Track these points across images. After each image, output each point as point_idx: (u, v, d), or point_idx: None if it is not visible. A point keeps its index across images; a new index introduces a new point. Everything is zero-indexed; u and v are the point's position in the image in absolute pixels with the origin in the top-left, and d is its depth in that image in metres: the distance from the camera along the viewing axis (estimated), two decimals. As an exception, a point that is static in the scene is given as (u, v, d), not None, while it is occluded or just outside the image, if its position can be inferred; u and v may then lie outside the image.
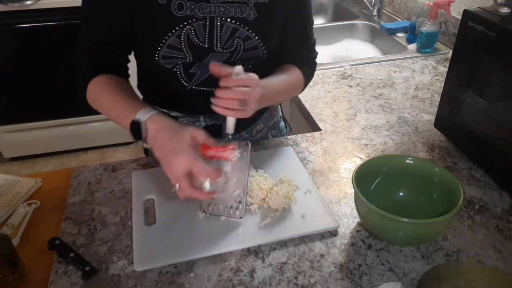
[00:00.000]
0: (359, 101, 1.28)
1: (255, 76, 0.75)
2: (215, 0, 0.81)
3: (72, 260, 0.74)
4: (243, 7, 0.82)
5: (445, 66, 1.49)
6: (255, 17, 0.84)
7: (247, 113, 0.75)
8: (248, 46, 0.86)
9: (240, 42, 0.85)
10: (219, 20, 0.83)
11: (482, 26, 0.89)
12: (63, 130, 2.60)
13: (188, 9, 0.80)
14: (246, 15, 0.83)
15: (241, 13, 0.83)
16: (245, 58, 0.88)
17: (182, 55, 0.84)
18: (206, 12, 0.81)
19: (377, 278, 0.72)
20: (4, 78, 2.33)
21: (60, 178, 0.96)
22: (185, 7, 0.80)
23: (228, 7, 0.82)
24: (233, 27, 0.83)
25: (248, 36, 0.85)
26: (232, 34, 0.84)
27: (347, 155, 1.03)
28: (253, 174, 0.90)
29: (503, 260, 0.76)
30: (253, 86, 0.74)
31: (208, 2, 0.81)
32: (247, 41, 0.86)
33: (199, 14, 0.81)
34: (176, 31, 0.81)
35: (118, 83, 0.85)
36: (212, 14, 0.82)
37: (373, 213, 0.73)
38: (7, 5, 2.13)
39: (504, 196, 0.91)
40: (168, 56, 0.84)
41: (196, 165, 0.68)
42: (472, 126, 0.97)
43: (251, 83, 0.74)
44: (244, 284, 0.71)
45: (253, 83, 0.74)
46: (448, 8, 1.49)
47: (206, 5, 0.81)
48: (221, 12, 0.82)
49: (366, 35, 1.94)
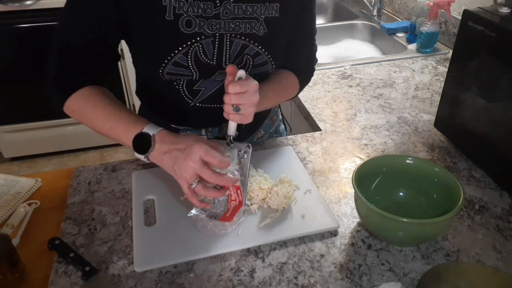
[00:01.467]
0: (359, 101, 1.28)
1: (253, 82, 0.74)
2: (225, 17, 0.78)
3: (72, 260, 0.74)
4: (253, 22, 0.80)
5: (445, 66, 1.49)
6: (265, 33, 0.82)
7: (244, 118, 0.75)
8: (257, 62, 0.84)
9: (249, 59, 0.83)
10: (229, 37, 0.80)
11: (482, 26, 0.88)
12: (63, 130, 2.60)
13: (197, 26, 0.77)
14: (256, 31, 0.81)
15: (251, 29, 0.81)
16: (254, 74, 0.86)
17: (188, 72, 0.81)
18: (216, 29, 0.78)
19: (377, 278, 0.72)
20: (4, 78, 2.33)
21: (60, 178, 0.96)
22: (194, 24, 0.77)
23: (238, 23, 0.79)
24: (242, 43, 0.81)
25: (258, 52, 0.83)
26: (242, 51, 0.82)
27: (347, 155, 1.03)
28: (253, 174, 0.90)
29: (503, 260, 0.76)
30: (249, 92, 0.73)
31: (219, 18, 0.78)
32: (256, 57, 0.84)
33: (208, 31, 0.78)
34: (184, 48, 0.78)
35: (107, 95, 0.82)
36: (222, 31, 0.79)
37: (373, 213, 0.73)
38: (7, 5, 2.13)
39: (504, 196, 0.91)
40: (173, 73, 0.81)
41: (210, 152, 0.70)
42: (472, 126, 0.97)
43: (247, 89, 0.73)
44: (244, 284, 0.71)
45: (250, 89, 0.73)
46: (448, 8, 1.49)
47: (216, 22, 0.78)
48: (231, 28, 0.79)
49: (366, 35, 1.94)
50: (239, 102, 0.73)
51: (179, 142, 0.73)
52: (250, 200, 0.84)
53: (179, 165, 0.71)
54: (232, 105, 0.74)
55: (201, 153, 0.69)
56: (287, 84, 0.94)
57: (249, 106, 0.74)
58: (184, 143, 0.72)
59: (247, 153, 0.79)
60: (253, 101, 0.75)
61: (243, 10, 0.79)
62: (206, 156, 0.70)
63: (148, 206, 0.86)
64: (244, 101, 0.73)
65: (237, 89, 0.72)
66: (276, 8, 0.81)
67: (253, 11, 0.79)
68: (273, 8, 0.81)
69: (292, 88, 0.96)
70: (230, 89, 0.72)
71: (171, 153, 0.72)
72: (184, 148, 0.71)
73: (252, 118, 0.77)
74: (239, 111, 0.74)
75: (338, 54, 1.81)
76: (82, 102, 0.81)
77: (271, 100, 0.89)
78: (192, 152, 0.70)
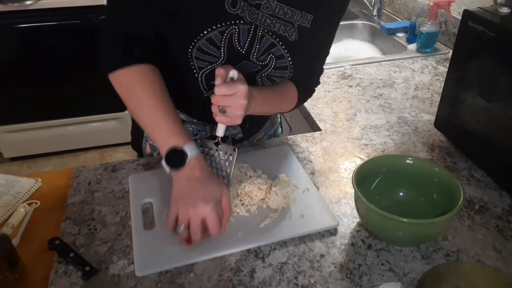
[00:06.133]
0: (359, 101, 1.28)
1: (241, 86, 0.74)
2: (265, 11, 0.78)
3: (72, 260, 0.74)
4: (288, 26, 0.80)
5: (445, 66, 1.49)
6: (296, 39, 0.82)
7: (231, 120, 0.76)
8: (279, 64, 0.84)
9: (273, 58, 0.83)
10: (261, 31, 0.80)
11: (482, 26, 0.88)
12: (63, 130, 2.60)
13: (241, 9, 0.76)
14: (288, 35, 0.81)
15: (284, 31, 0.80)
16: (272, 76, 0.86)
17: (218, 53, 0.80)
18: (254, 18, 0.78)
19: (377, 278, 0.72)
20: (4, 78, 2.33)
21: (60, 178, 0.96)
22: (239, 6, 0.76)
23: (274, 21, 0.79)
24: (271, 41, 0.81)
25: (283, 55, 0.83)
26: (269, 49, 0.82)
27: (347, 155, 1.03)
28: (251, 174, 0.90)
29: (503, 260, 0.76)
30: (236, 95, 0.73)
31: (258, 9, 0.77)
32: (280, 59, 0.83)
33: (248, 18, 0.78)
34: (222, 26, 0.77)
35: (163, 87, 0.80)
36: (258, 22, 0.78)
37: (373, 213, 0.73)
38: (7, 5, 2.13)
39: (504, 196, 0.91)
40: (204, 50, 0.79)
41: (215, 225, 0.73)
42: (472, 126, 0.97)
43: (234, 92, 0.73)
44: (244, 284, 0.71)
45: (237, 92, 0.73)
46: (448, 8, 1.49)
47: (256, 11, 0.77)
48: (266, 23, 0.79)
49: (366, 35, 1.94)
50: (224, 104, 0.74)
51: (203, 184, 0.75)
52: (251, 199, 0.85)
53: (184, 205, 0.73)
54: (218, 107, 0.75)
55: (208, 217, 0.73)
56: (288, 95, 0.94)
57: (235, 109, 0.75)
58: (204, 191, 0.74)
59: (232, 155, 0.82)
60: (240, 105, 0.74)
61: (284, 11, 0.79)
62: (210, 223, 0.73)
63: (148, 207, 0.86)
64: (230, 103, 0.74)
65: (223, 91, 0.72)
66: (309, 19, 0.81)
67: (292, 15, 0.79)
68: (306, 18, 0.81)
69: (290, 101, 0.95)
70: (216, 91, 0.73)
71: (189, 187, 0.74)
72: (199, 198, 0.73)
73: (240, 121, 0.77)
74: (226, 113, 0.75)
75: (338, 54, 1.81)
76: (137, 80, 0.77)
77: (270, 107, 0.89)
78: (201, 209, 0.72)
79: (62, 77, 2.40)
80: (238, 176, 0.89)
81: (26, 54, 2.29)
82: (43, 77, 2.38)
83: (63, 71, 2.38)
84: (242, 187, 0.85)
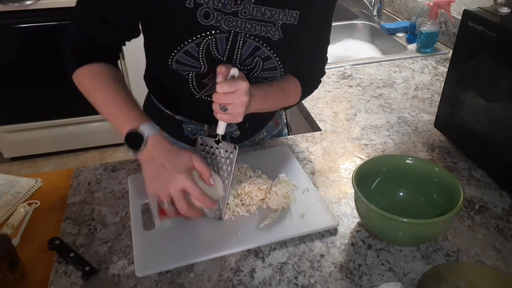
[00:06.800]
0: (359, 101, 1.28)
1: (243, 83, 0.74)
2: (243, 16, 0.78)
3: (72, 260, 0.74)
4: (269, 26, 0.80)
5: (445, 66, 1.49)
6: (280, 38, 0.81)
7: (232, 118, 0.76)
8: (266, 66, 0.84)
9: (259, 61, 0.83)
10: (243, 36, 0.80)
11: (482, 26, 0.88)
12: (63, 130, 2.60)
13: (214, 20, 0.77)
14: (271, 35, 0.81)
15: (266, 32, 0.80)
16: (262, 77, 0.86)
17: (197, 64, 0.81)
18: (232, 26, 0.78)
19: (377, 278, 0.72)
20: (4, 78, 2.33)
21: (60, 178, 0.96)
22: (212, 16, 0.77)
23: (254, 24, 0.79)
24: (255, 45, 0.81)
25: (269, 56, 0.83)
26: (253, 52, 0.82)
27: (347, 155, 1.03)
28: (251, 174, 0.90)
29: (503, 260, 0.76)
30: (237, 92, 0.74)
31: (236, 16, 0.77)
32: (267, 61, 0.83)
33: (224, 26, 0.78)
34: (197, 38, 0.78)
35: (117, 78, 0.81)
36: (238, 29, 0.79)
37: (373, 213, 0.73)
38: (7, 5, 2.13)
39: (504, 196, 0.91)
40: (183, 62, 0.81)
41: (195, 189, 0.72)
42: (472, 126, 0.97)
43: (235, 89, 0.73)
44: (244, 284, 0.71)
45: (239, 89, 0.74)
46: (448, 8, 1.49)
47: (233, 19, 0.78)
48: (246, 28, 0.79)
49: (366, 35, 1.94)
50: (226, 101, 0.74)
51: (168, 159, 0.73)
52: (251, 199, 0.85)
53: (160, 183, 0.72)
54: (219, 105, 0.74)
55: (186, 185, 0.71)
56: (289, 89, 0.93)
57: (237, 107, 0.75)
58: (172, 163, 0.73)
59: (233, 153, 0.81)
60: (242, 102, 0.75)
61: (262, 12, 0.79)
62: (190, 190, 0.72)
63: (148, 207, 0.86)
64: (231, 101, 0.74)
65: (225, 89, 0.73)
66: (295, 16, 0.81)
67: (271, 15, 0.79)
68: (292, 15, 0.81)
69: (293, 95, 0.95)
70: (218, 89, 0.73)
71: (157, 166, 0.73)
72: (170, 171, 0.72)
73: (241, 119, 0.77)
74: (227, 111, 0.75)
75: (338, 54, 1.81)
76: (91, 77, 0.81)
77: (271, 103, 0.89)
78: (176, 180, 0.71)
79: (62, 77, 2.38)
80: (238, 176, 0.89)
81: (26, 54, 2.29)
82: (43, 77, 2.37)
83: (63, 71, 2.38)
84: (242, 187, 0.85)
